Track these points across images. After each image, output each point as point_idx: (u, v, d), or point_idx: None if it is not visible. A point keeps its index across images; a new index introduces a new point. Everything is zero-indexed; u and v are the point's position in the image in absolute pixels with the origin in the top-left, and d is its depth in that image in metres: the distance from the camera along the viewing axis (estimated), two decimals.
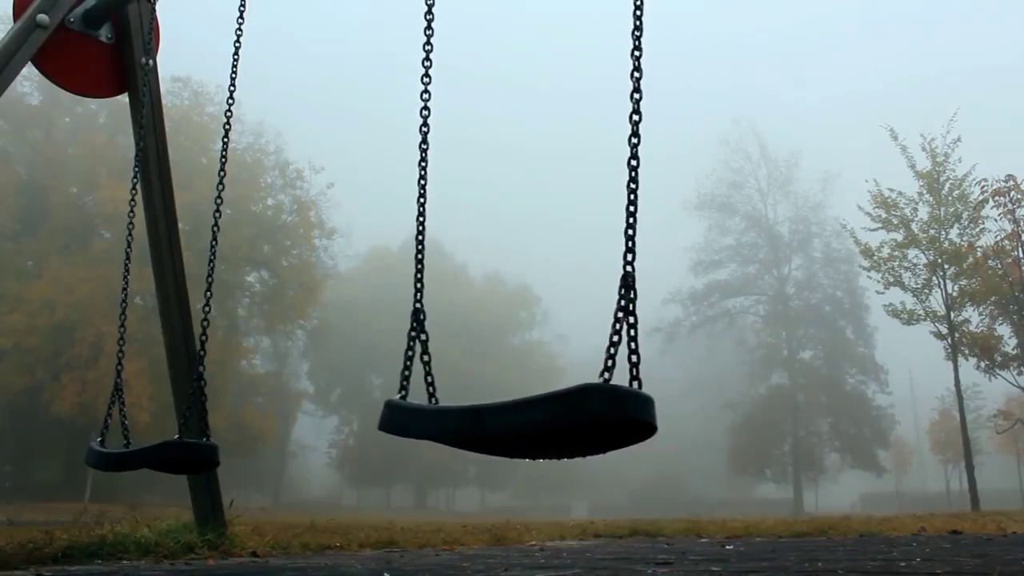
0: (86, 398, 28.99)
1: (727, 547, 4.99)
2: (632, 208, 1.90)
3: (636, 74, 1.99)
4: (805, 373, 48.85)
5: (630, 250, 1.86)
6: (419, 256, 2.39)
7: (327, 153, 58.66)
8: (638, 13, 2.04)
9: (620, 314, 1.78)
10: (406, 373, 2.17)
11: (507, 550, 5.00)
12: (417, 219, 2.47)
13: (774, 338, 50.43)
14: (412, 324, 2.23)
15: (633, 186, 1.91)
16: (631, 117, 1.95)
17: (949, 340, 21.56)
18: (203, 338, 3.50)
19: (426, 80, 2.50)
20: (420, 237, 2.44)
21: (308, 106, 77.83)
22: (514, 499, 58.41)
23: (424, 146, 2.50)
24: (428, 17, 2.54)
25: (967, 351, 21.89)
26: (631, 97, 1.97)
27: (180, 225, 4.65)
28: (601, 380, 1.70)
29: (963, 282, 21.98)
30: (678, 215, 51.22)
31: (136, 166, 4.22)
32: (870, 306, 41.71)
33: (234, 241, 32.85)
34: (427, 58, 2.51)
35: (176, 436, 3.58)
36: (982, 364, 22.05)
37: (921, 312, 22.08)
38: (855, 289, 46.92)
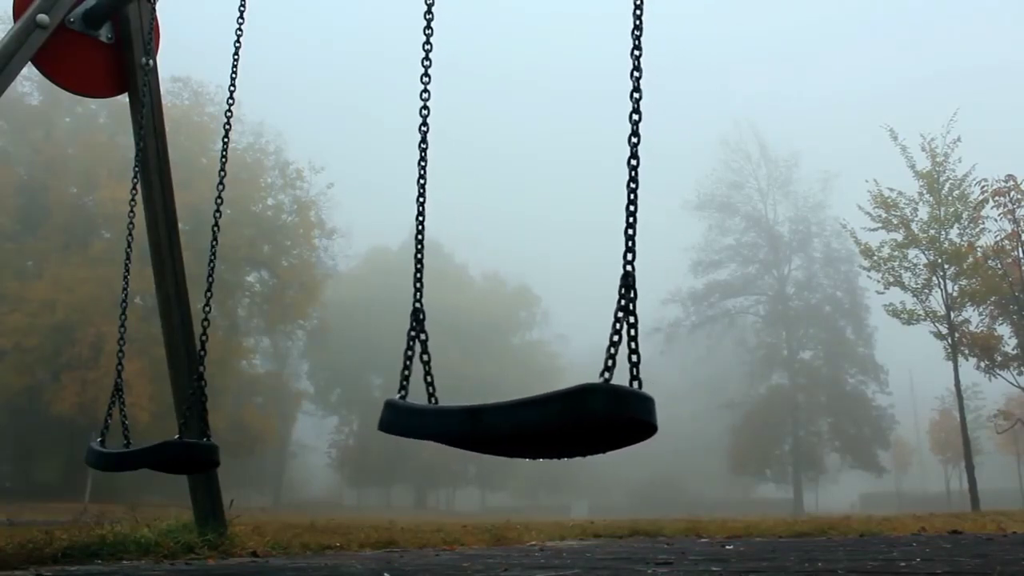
0: (86, 398, 28.98)
1: (727, 547, 4.99)
2: (632, 208, 1.90)
3: (636, 73, 1.99)
4: (805, 373, 48.85)
5: (630, 250, 1.85)
6: (419, 256, 2.39)
7: (327, 153, 58.59)
8: (638, 13, 2.04)
9: (620, 314, 1.78)
10: (406, 373, 2.17)
11: (507, 550, 5.00)
12: (417, 219, 2.47)
13: (774, 338, 50.43)
14: (412, 324, 2.23)
15: (633, 186, 1.91)
16: (631, 116, 1.95)
17: (949, 340, 21.55)
18: (203, 338, 3.50)
19: (425, 80, 2.50)
20: (420, 237, 2.44)
21: (308, 106, 77.88)
22: (514, 499, 58.40)
23: (423, 146, 2.50)
24: (428, 17, 2.55)
25: (967, 351, 21.89)
26: (631, 96, 1.97)
27: (180, 225, 4.65)
28: (601, 380, 1.69)
29: (963, 282, 21.97)
30: (678, 215, 51.25)
31: (136, 166, 4.22)
32: (870, 306, 41.72)
33: (234, 241, 32.84)
34: (426, 58, 2.51)
35: (176, 436, 3.58)
36: (982, 364, 22.04)
37: (921, 312, 22.07)
38: (855, 289, 46.92)
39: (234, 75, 3.80)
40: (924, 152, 22.39)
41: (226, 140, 3.81)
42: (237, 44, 3.79)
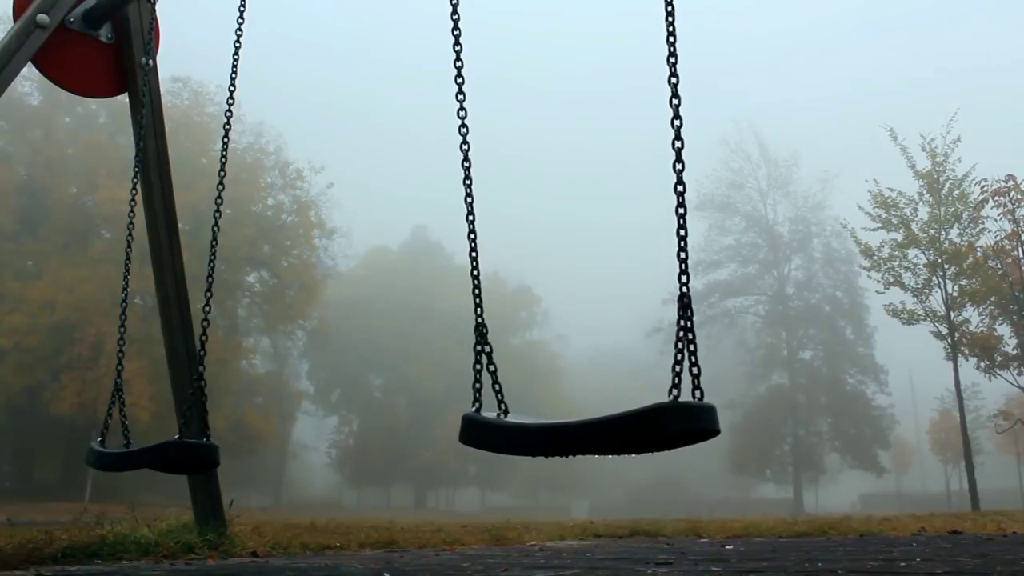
0: (86, 398, 29.00)
1: (727, 547, 4.99)
2: (682, 232, 1.99)
3: (673, 80, 2.05)
4: (805, 373, 48.85)
5: (684, 272, 1.91)
6: (475, 273, 2.49)
7: (327, 153, 58.76)
8: (670, 20, 2.06)
9: (681, 333, 1.91)
10: (477, 386, 2.27)
11: (507, 550, 5.00)
12: (468, 236, 2.51)
13: (774, 338, 50.43)
14: (476, 338, 2.33)
15: (681, 211, 1.95)
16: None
17: (949, 340, 21.55)
18: (203, 338, 3.50)
19: (460, 98, 2.52)
20: (474, 254, 2.50)
21: (308, 106, 77.93)
22: (514, 499, 58.40)
23: (466, 164, 2.52)
24: (455, 33, 2.55)
25: (967, 351, 21.88)
26: (670, 103, 2.03)
27: (180, 225, 4.65)
28: (671, 399, 1.83)
29: (963, 282, 21.97)
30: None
31: (136, 166, 4.22)
32: (870, 306, 41.73)
33: (234, 241, 32.84)
34: (459, 74, 2.53)
35: (176, 436, 3.58)
36: (982, 364, 22.04)
37: (921, 312, 22.06)
38: (855, 289, 46.93)
39: (234, 75, 3.80)
40: (924, 152, 22.40)
41: (226, 140, 3.81)
42: (237, 44, 3.79)
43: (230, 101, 3.78)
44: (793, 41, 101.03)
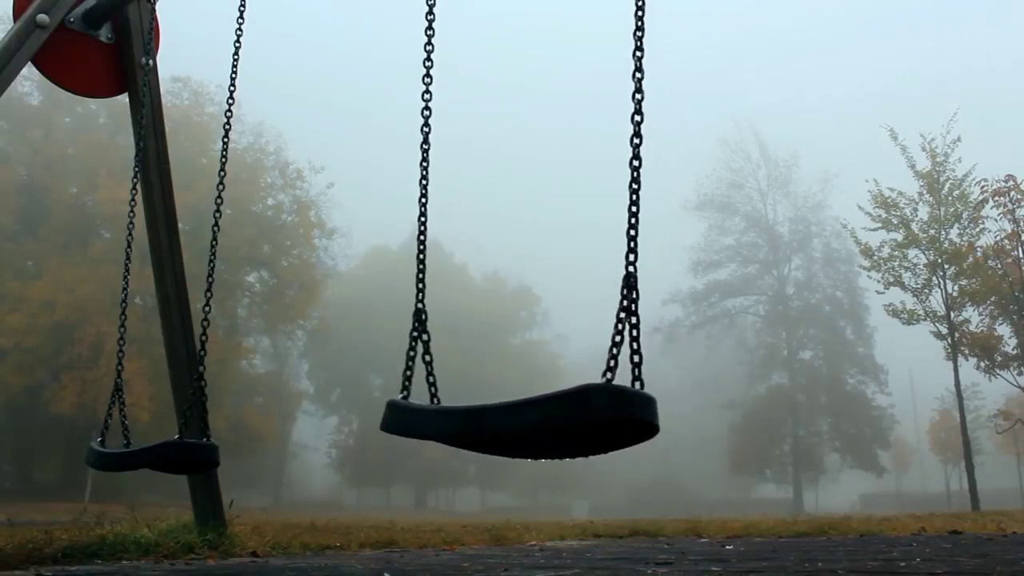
0: (86, 398, 29.00)
1: (727, 547, 4.99)
2: (634, 208, 1.90)
3: (638, 74, 2.00)
4: (805, 373, 48.85)
5: (632, 251, 1.86)
6: (420, 256, 2.41)
7: (327, 153, 58.73)
8: (639, 14, 2.04)
9: (622, 314, 1.78)
10: (408, 373, 2.17)
11: (507, 550, 5.00)
12: (419, 219, 2.48)
13: (774, 338, 50.44)
14: (414, 324, 2.24)
15: (635, 187, 1.91)
16: (632, 117, 1.96)
17: (949, 340, 21.55)
18: (203, 338, 3.50)
19: (427, 80, 2.50)
20: (422, 237, 2.45)
21: (308, 106, 77.92)
22: (514, 499, 58.40)
23: (425, 146, 2.50)
24: (429, 17, 2.55)
25: (967, 351, 21.88)
26: (633, 97, 1.97)
27: (180, 225, 4.65)
28: (603, 380, 1.70)
29: (963, 282, 21.97)
30: (678, 215, 51.22)
31: (136, 166, 4.22)
32: (870, 306, 41.75)
33: (234, 241, 32.84)
34: (428, 58, 2.51)
35: (176, 436, 3.58)
36: (982, 364, 22.04)
37: (921, 312, 22.06)
38: (855, 289, 46.94)
39: (234, 75, 3.80)
40: (924, 152, 22.40)
41: (226, 140, 3.81)
42: (237, 44, 3.79)
43: (230, 101, 3.78)
44: (793, 41, 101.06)
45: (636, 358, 1.78)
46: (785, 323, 49.66)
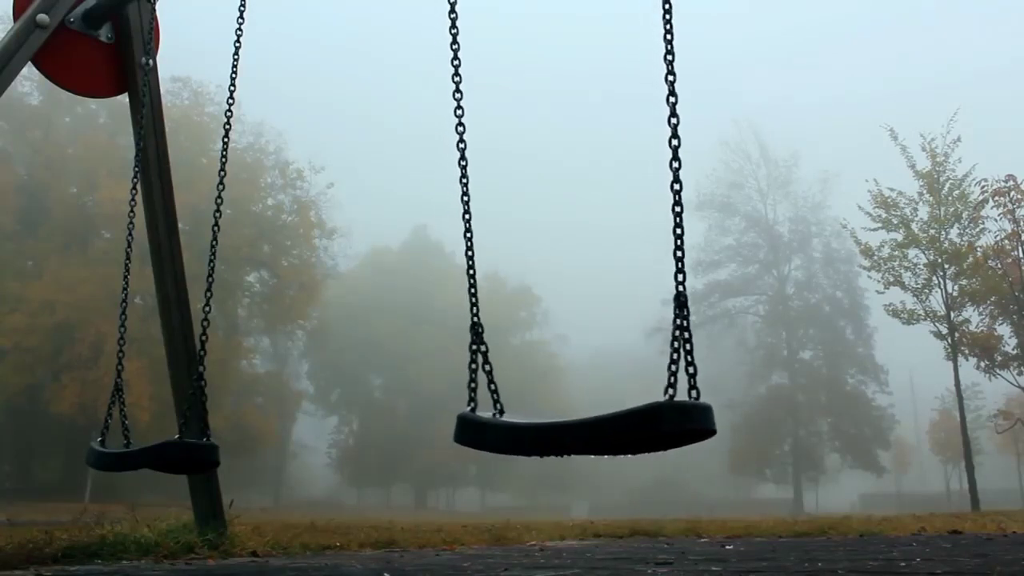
0: (86, 398, 28.99)
1: (727, 547, 4.99)
2: (679, 231, 1.98)
3: (671, 77, 2.03)
4: (805, 373, 48.85)
5: (680, 271, 1.92)
6: (471, 272, 2.47)
7: (327, 153, 58.63)
8: (668, 17, 2.06)
9: (677, 332, 1.90)
10: (472, 385, 2.26)
11: (507, 550, 5.00)
12: (464, 235, 2.50)
13: (774, 338, 50.44)
14: (472, 337, 2.34)
15: (678, 209, 1.98)
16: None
17: (949, 340, 21.56)
18: (203, 338, 3.50)
19: (458, 96, 2.53)
20: (470, 252, 2.49)
21: (308, 106, 77.81)
22: (514, 499, 58.37)
23: (463, 163, 2.52)
24: (452, 31, 2.56)
25: (967, 351, 21.89)
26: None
27: (180, 225, 4.65)
28: (667, 397, 1.83)
29: (963, 282, 21.97)
30: None
31: (136, 166, 4.22)
32: (870, 306, 41.74)
33: (234, 241, 32.85)
34: (456, 73, 2.54)
35: (176, 436, 3.57)
36: (982, 364, 22.05)
37: (921, 312, 22.07)
38: (855, 289, 46.93)
39: (234, 75, 3.80)
40: (924, 152, 22.41)
41: (226, 140, 3.80)
42: (237, 44, 3.79)
43: (230, 101, 3.77)
44: (793, 41, 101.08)
45: (691, 370, 1.89)
46: (785, 323, 49.66)
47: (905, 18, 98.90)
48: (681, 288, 1.93)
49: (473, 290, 2.44)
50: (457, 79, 2.52)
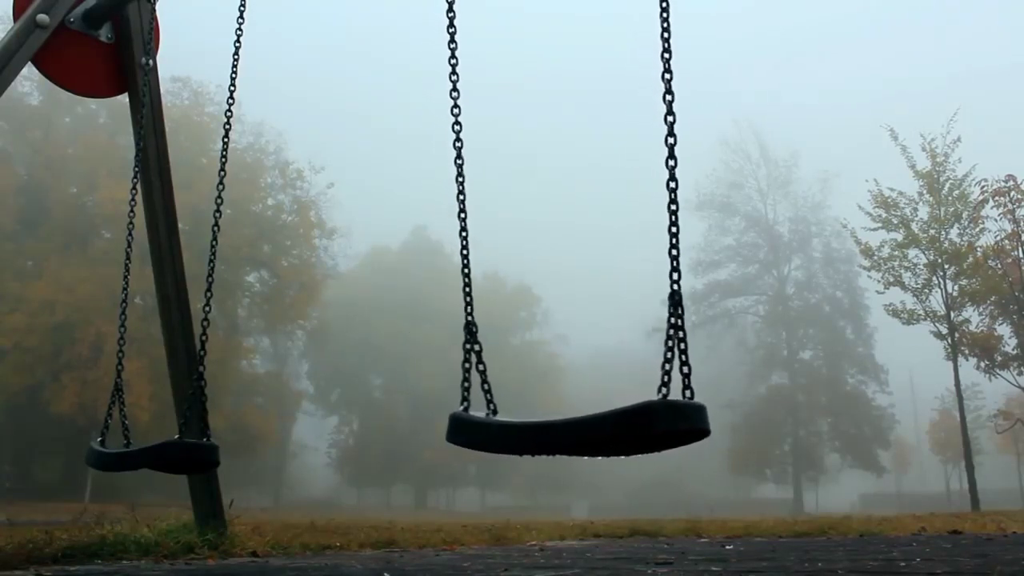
0: (86, 398, 28.99)
1: (727, 547, 4.99)
2: (674, 229, 1.97)
3: (667, 75, 2.03)
4: (805, 373, 48.85)
5: (675, 269, 1.92)
6: (466, 271, 2.44)
7: (327, 153, 58.66)
8: (665, 16, 2.06)
9: (671, 331, 1.89)
10: (466, 385, 2.24)
11: (507, 550, 5.00)
12: (460, 234, 2.49)
13: (774, 338, 50.44)
14: (466, 336, 2.30)
15: (673, 207, 1.97)
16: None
17: (949, 340, 21.56)
18: (203, 338, 3.50)
19: (455, 95, 2.52)
20: (465, 251, 2.46)
21: (308, 106, 77.83)
22: (514, 499, 58.38)
23: (459, 161, 2.52)
24: (450, 31, 2.56)
25: (967, 351, 21.89)
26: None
27: (180, 225, 4.65)
28: (660, 396, 1.82)
29: (963, 282, 21.98)
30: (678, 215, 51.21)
31: (136, 166, 4.22)
32: (870, 306, 41.75)
33: (234, 241, 32.84)
34: (453, 72, 2.53)
35: (176, 436, 3.58)
36: (982, 364, 22.05)
37: (921, 312, 22.08)
38: (855, 289, 46.94)
39: (234, 75, 3.80)
40: (924, 152, 22.42)
41: (226, 140, 3.80)
42: (237, 44, 3.78)
43: (230, 101, 3.77)
44: (793, 41, 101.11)
45: (685, 369, 1.89)
46: (785, 323, 49.66)
47: (905, 18, 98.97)
48: (676, 287, 1.92)
49: (468, 289, 2.41)
50: (454, 78, 2.52)
